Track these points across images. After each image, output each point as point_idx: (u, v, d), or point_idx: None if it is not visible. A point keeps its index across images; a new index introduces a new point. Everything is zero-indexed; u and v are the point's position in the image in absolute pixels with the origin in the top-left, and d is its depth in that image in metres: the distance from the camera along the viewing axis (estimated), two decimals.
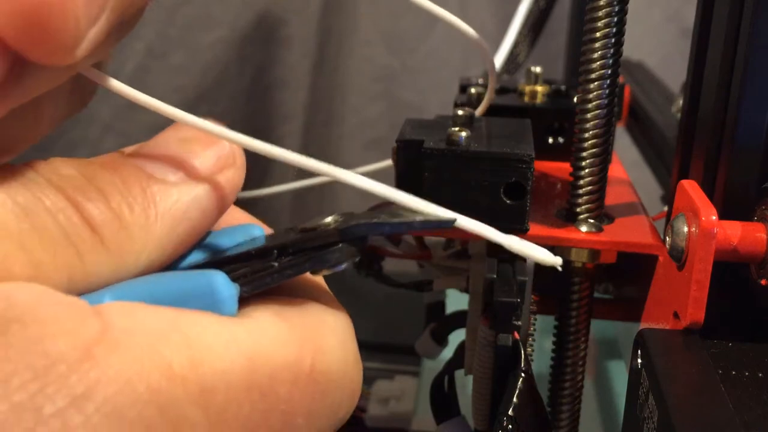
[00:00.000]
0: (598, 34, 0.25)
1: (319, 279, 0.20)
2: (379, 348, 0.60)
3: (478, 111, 0.30)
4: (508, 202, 0.24)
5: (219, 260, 0.18)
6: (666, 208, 0.27)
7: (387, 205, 0.19)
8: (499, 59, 0.40)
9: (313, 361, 0.17)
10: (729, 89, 0.23)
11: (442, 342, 0.33)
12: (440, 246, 0.29)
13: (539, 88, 0.33)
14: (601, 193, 0.27)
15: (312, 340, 0.17)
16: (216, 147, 0.18)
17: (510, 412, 0.22)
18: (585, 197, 0.26)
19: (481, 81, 0.35)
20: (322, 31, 0.70)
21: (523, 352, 0.23)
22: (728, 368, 0.21)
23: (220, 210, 0.18)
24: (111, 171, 0.17)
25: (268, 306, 0.17)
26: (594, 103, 0.25)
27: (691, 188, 0.23)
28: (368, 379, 0.53)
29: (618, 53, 0.25)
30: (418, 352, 0.34)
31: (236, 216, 0.21)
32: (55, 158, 0.16)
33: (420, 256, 0.29)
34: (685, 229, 0.23)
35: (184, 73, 0.55)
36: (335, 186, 0.65)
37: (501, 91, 0.34)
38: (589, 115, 0.26)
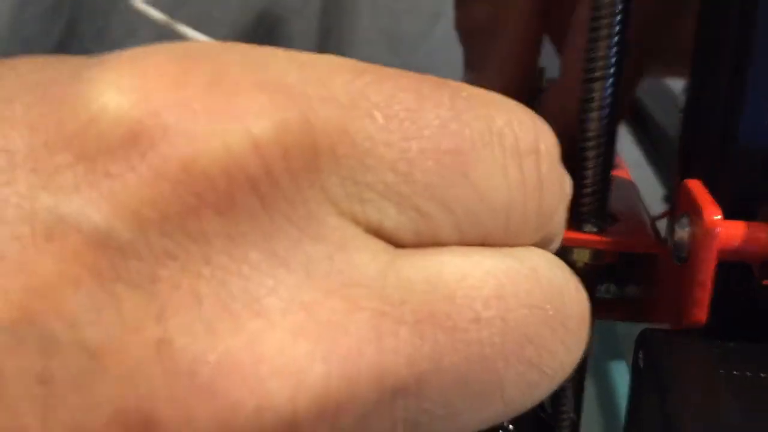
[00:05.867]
0: (601, 33, 0.25)
1: None
2: None
3: None
4: None
5: None
6: (668, 208, 0.26)
7: None
8: None
9: None
10: (732, 88, 0.23)
11: None
12: None
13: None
14: (604, 194, 0.26)
15: None
16: None
17: None
18: (588, 197, 0.26)
19: None
20: (322, 30, 0.70)
21: None
22: (731, 368, 0.21)
23: None
24: None
25: None
26: (597, 102, 0.25)
27: (694, 188, 0.23)
28: None
29: (622, 52, 0.25)
30: None
31: None
32: None
33: None
34: (688, 229, 0.23)
35: None
36: None
37: None
38: (592, 115, 0.26)
